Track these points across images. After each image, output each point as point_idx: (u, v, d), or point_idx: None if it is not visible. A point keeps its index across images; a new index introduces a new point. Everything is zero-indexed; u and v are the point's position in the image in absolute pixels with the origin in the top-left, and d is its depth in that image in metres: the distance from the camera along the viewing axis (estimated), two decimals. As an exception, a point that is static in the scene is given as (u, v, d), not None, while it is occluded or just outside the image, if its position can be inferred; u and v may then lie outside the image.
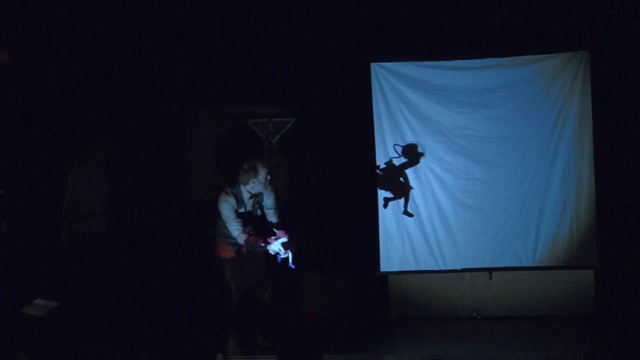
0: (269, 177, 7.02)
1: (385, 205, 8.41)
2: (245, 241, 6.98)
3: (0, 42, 8.49)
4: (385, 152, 8.44)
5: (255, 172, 6.95)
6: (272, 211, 7.22)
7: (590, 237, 8.22)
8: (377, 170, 8.43)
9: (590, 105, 8.22)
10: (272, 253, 6.95)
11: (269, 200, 7.18)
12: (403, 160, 8.40)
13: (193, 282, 8.42)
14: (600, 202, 8.23)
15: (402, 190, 8.37)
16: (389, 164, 8.41)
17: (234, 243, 7.05)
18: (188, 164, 9.61)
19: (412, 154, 8.37)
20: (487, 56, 8.36)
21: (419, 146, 8.38)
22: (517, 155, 8.31)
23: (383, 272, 8.44)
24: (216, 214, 7.09)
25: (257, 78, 9.17)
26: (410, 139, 8.39)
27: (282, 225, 7.19)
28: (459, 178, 8.36)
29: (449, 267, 8.37)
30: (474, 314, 8.37)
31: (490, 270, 8.35)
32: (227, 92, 9.33)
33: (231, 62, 9.16)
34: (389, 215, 8.42)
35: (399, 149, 8.38)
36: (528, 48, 8.35)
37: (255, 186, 7.00)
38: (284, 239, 6.96)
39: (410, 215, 8.36)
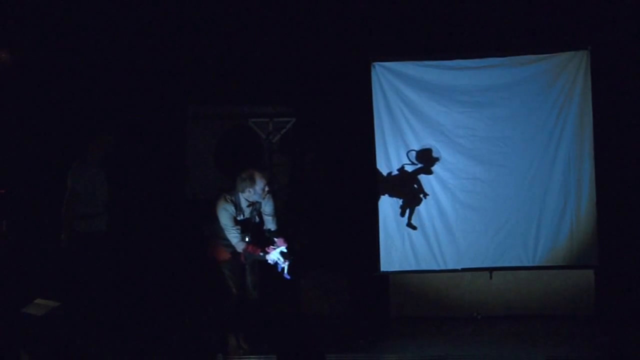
0: (266, 189, 6.99)
1: (402, 214, 8.37)
2: (244, 250, 6.96)
3: (1, 42, 8.49)
4: (386, 152, 8.43)
5: (253, 182, 6.91)
6: (270, 218, 7.19)
7: (591, 237, 8.23)
8: (388, 177, 8.40)
9: (590, 105, 8.22)
10: (271, 263, 6.93)
11: (267, 207, 7.15)
12: (417, 166, 8.38)
13: (193, 282, 8.42)
14: (601, 201, 8.23)
15: (414, 198, 8.34)
16: (402, 170, 8.39)
17: (229, 245, 7.05)
18: (188, 164, 9.61)
19: (427, 159, 8.34)
20: (488, 56, 8.35)
21: (434, 151, 8.35)
22: (517, 155, 8.31)
23: (383, 271, 8.44)
24: (213, 216, 7.08)
25: (257, 78, 9.17)
26: (410, 138, 8.39)
27: (280, 232, 7.17)
28: (460, 178, 8.36)
29: (450, 267, 8.37)
30: (474, 314, 8.37)
31: (490, 270, 8.35)
32: (227, 92, 9.33)
33: (231, 62, 9.16)
34: (389, 215, 8.41)
35: (413, 155, 8.35)
36: (528, 48, 8.35)
37: (252, 195, 6.97)
38: (283, 248, 6.93)
39: (414, 228, 8.33)
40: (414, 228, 8.34)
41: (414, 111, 8.40)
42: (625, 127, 8.51)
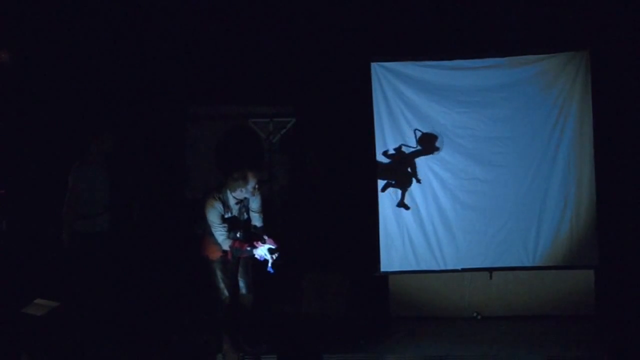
0: (256, 186, 7.02)
1: (383, 189, 8.36)
2: (231, 246, 6.98)
3: (1, 42, 8.49)
4: (386, 152, 8.43)
5: (245, 182, 6.94)
6: (257, 215, 7.21)
7: (591, 237, 8.22)
8: (384, 157, 8.38)
9: (590, 105, 8.21)
10: (259, 257, 6.94)
11: (254, 204, 7.18)
12: (417, 148, 8.37)
13: (193, 282, 8.41)
14: (601, 202, 8.23)
15: (406, 180, 8.34)
16: (399, 150, 8.37)
17: None
18: (188, 164, 9.61)
19: (429, 143, 8.33)
20: (487, 56, 8.35)
21: (439, 139, 8.34)
22: (517, 155, 8.30)
23: (383, 272, 8.44)
24: (202, 214, 7.09)
25: (257, 78, 9.17)
26: (410, 138, 8.38)
27: (266, 229, 7.17)
28: (459, 178, 8.36)
29: (449, 267, 8.36)
30: (474, 314, 8.37)
31: (490, 270, 8.35)
32: (227, 92, 9.33)
33: (231, 62, 9.17)
34: (389, 215, 8.41)
35: (419, 134, 8.33)
36: (528, 48, 8.35)
37: (243, 194, 7.00)
38: (272, 246, 6.95)
39: (407, 207, 8.33)
40: (407, 208, 8.32)
41: (414, 111, 8.39)
42: (625, 127, 8.52)
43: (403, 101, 8.40)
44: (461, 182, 8.37)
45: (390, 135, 8.42)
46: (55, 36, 8.75)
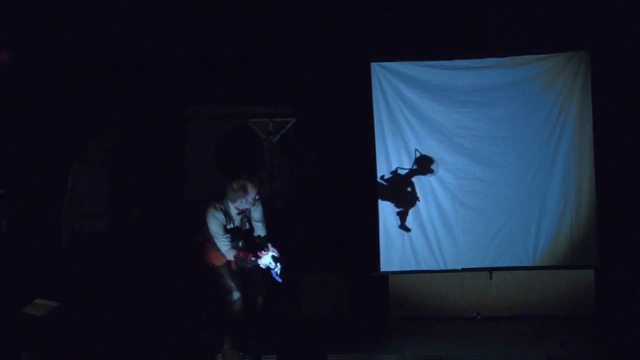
0: (257, 197, 7.00)
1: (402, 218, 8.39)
2: (235, 256, 6.96)
3: (0, 42, 8.49)
4: (386, 152, 8.42)
5: (245, 192, 6.91)
6: (259, 224, 7.19)
7: (591, 237, 8.22)
8: (381, 181, 8.40)
9: (590, 105, 8.22)
10: (263, 267, 6.93)
11: (256, 213, 7.15)
12: (412, 167, 8.38)
13: (193, 282, 8.42)
14: (601, 202, 8.23)
15: (408, 200, 8.34)
16: (394, 173, 8.39)
17: None
18: (188, 164, 9.61)
19: (425, 165, 8.34)
20: (487, 56, 8.35)
21: (434, 162, 8.34)
22: (517, 155, 8.31)
23: (383, 272, 8.44)
24: (203, 222, 7.07)
25: (257, 78, 9.17)
26: (410, 138, 8.39)
27: (269, 238, 7.17)
28: (459, 178, 8.36)
29: (449, 267, 8.36)
30: (474, 314, 8.37)
31: (490, 270, 8.35)
32: (227, 92, 9.33)
33: (231, 62, 9.16)
34: (389, 215, 8.41)
35: (418, 155, 8.34)
36: (528, 48, 8.36)
37: (243, 204, 6.98)
38: (274, 253, 6.95)
39: (408, 230, 8.33)
40: (408, 230, 8.34)
41: (413, 111, 8.39)
42: (625, 127, 8.52)
43: (403, 101, 8.40)
44: (461, 182, 8.37)
45: (390, 135, 8.42)
46: (55, 36, 8.75)
